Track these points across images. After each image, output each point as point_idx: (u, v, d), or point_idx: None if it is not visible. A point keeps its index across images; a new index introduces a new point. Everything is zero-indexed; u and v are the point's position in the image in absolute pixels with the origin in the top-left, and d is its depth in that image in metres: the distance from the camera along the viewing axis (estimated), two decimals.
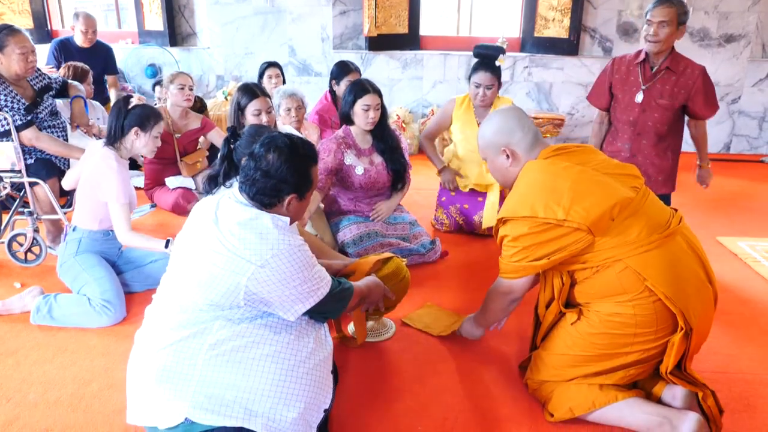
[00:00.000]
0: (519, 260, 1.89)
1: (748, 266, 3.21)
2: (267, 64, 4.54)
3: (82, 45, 4.88)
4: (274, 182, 1.70)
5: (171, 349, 1.63)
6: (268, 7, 5.79)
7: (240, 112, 2.98)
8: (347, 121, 3.17)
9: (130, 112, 2.65)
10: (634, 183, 1.91)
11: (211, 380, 1.59)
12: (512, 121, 1.99)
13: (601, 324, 1.86)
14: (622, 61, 3.23)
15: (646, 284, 1.78)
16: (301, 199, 1.77)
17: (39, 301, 2.54)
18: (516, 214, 1.86)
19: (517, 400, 2.09)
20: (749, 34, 5.52)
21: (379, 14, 5.66)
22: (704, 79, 3.05)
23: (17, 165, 3.09)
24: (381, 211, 3.25)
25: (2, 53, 2.99)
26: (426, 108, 5.90)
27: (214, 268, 1.63)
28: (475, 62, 3.55)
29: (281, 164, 1.69)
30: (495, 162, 2.03)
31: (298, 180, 1.73)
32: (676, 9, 2.95)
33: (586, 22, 5.66)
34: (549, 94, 5.84)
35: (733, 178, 5.02)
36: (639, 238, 1.80)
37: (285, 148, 1.72)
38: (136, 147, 2.69)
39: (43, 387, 2.13)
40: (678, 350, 1.81)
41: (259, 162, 1.71)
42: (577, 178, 1.84)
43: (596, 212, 1.77)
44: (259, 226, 1.65)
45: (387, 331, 2.51)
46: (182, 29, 6.15)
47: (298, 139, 1.78)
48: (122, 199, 2.61)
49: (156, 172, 4.03)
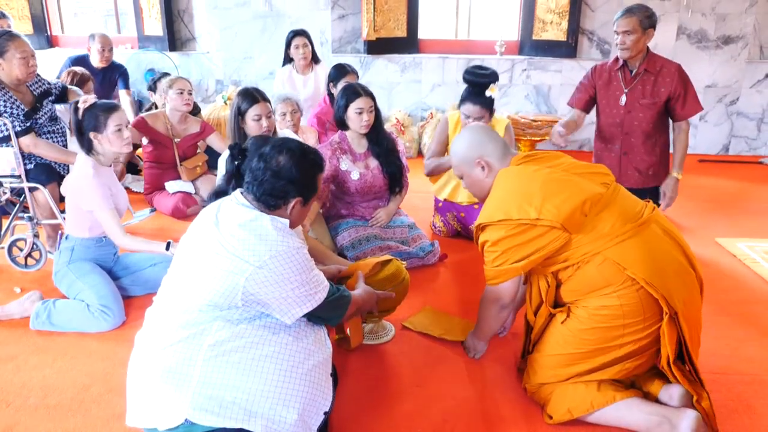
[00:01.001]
0: (500, 264, 1.95)
1: (747, 267, 3.21)
2: (294, 32, 4.61)
3: (98, 65, 4.94)
4: (282, 183, 1.72)
5: (171, 350, 1.64)
6: (267, 11, 5.81)
7: (240, 117, 2.98)
8: (341, 125, 3.17)
9: (82, 120, 2.58)
10: (604, 180, 1.98)
11: (211, 381, 1.59)
12: (481, 134, 2.11)
13: (589, 319, 1.89)
14: (602, 68, 3.46)
15: (627, 273, 1.81)
16: (304, 203, 1.80)
17: (38, 306, 2.54)
18: (492, 219, 1.93)
19: (516, 403, 2.10)
20: (747, 36, 5.53)
21: (378, 18, 5.68)
22: (681, 76, 3.25)
23: (17, 170, 3.10)
24: (380, 217, 3.25)
25: (3, 58, 3.00)
26: (425, 111, 5.91)
27: (213, 268, 1.64)
28: (465, 89, 3.26)
29: (291, 166, 1.73)
30: (471, 176, 2.11)
31: (305, 184, 1.77)
32: (638, 17, 3.18)
33: (584, 24, 5.67)
34: (548, 97, 5.85)
35: (731, 180, 5.02)
36: (613, 229, 1.85)
37: (296, 150, 1.76)
38: (105, 149, 2.62)
39: (43, 391, 2.13)
40: (670, 337, 1.83)
41: (269, 162, 1.73)
42: (547, 179, 1.92)
43: (567, 209, 1.83)
44: (258, 228, 1.66)
45: (386, 333, 2.51)
46: (181, 34, 6.17)
47: (308, 146, 1.83)
48: (105, 205, 2.57)
49: (156, 177, 4.04)
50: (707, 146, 5.89)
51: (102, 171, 2.65)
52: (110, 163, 2.72)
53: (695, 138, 5.83)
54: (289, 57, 4.69)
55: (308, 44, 4.62)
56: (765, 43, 5.71)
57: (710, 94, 5.70)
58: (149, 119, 3.94)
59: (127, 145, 2.66)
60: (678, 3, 5.49)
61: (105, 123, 2.57)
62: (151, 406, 1.62)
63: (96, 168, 2.61)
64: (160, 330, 1.70)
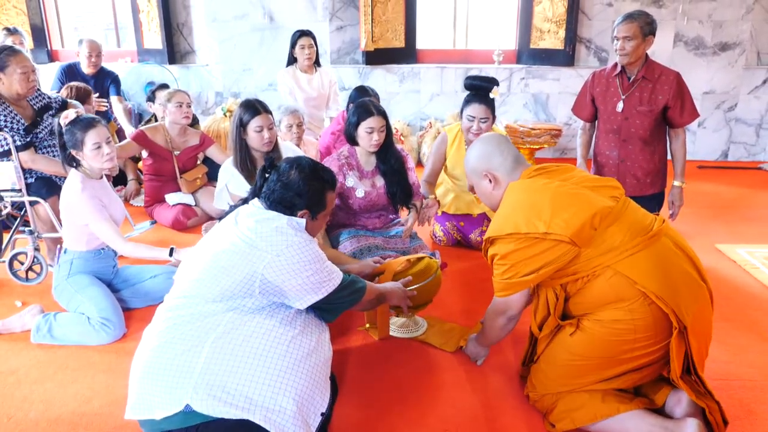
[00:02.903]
0: (509, 277, 1.93)
1: (747, 273, 3.22)
2: (300, 32, 4.62)
3: (87, 71, 4.94)
4: (290, 194, 1.90)
5: (180, 339, 1.68)
6: (266, 23, 5.85)
7: (242, 128, 2.99)
8: (351, 141, 3.16)
9: (63, 138, 2.58)
10: (614, 193, 1.96)
11: (215, 369, 1.63)
12: (491, 146, 2.10)
13: (600, 332, 1.87)
14: (601, 74, 3.44)
15: (638, 287, 1.79)
16: (313, 217, 1.95)
17: (39, 320, 2.55)
18: (501, 232, 1.92)
19: (518, 411, 2.09)
20: (744, 42, 5.56)
21: (376, 29, 5.71)
22: (679, 85, 3.22)
23: (18, 184, 3.11)
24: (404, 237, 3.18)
25: (4, 73, 3.02)
26: (424, 120, 5.94)
27: (232, 257, 1.77)
28: (468, 94, 3.35)
29: (299, 180, 1.90)
30: (480, 186, 2.13)
31: (313, 198, 1.93)
32: (638, 23, 3.14)
33: (581, 33, 5.70)
34: (546, 105, 5.87)
35: (731, 186, 5.03)
36: (623, 243, 1.83)
37: (307, 167, 1.94)
38: (91, 165, 2.61)
39: (44, 405, 2.13)
40: (678, 352, 1.81)
41: (281, 175, 1.92)
42: (556, 193, 1.90)
43: (576, 223, 1.82)
44: (275, 221, 1.83)
45: (418, 329, 2.58)
46: (181, 47, 6.20)
47: (321, 165, 2.00)
48: (98, 217, 2.57)
49: (156, 189, 4.05)
50: (706, 152, 5.90)
51: (91, 184, 2.63)
52: (100, 175, 2.70)
53: (694, 144, 5.84)
54: (293, 57, 4.71)
55: (313, 45, 4.65)
56: (762, 49, 5.74)
57: (708, 101, 5.73)
58: (149, 132, 3.95)
59: (108, 161, 2.62)
60: (675, 10, 5.52)
61: (82, 141, 2.55)
62: (151, 395, 1.64)
63: (84, 182, 2.60)
64: (170, 321, 1.74)
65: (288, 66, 4.74)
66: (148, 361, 1.69)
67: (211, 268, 1.78)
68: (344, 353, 2.45)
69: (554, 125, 5.63)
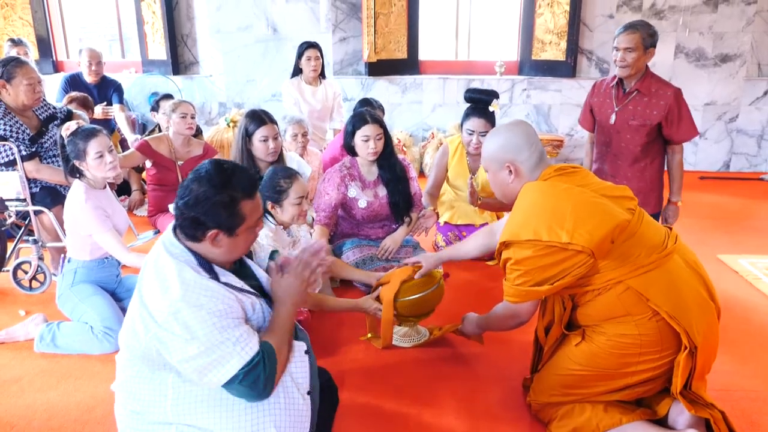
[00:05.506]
0: (521, 284, 1.87)
1: (749, 283, 3.22)
2: (307, 44, 4.64)
3: (89, 80, 4.97)
4: (192, 215, 1.51)
5: (138, 401, 1.55)
6: (269, 35, 5.89)
7: (247, 138, 3.00)
8: (351, 152, 3.17)
9: (65, 150, 2.60)
10: (629, 205, 1.91)
11: (185, 420, 1.51)
12: (521, 138, 1.97)
13: (606, 344, 1.85)
14: (601, 84, 3.33)
15: (650, 305, 1.77)
16: (231, 234, 1.55)
17: (42, 329, 2.56)
18: (519, 237, 1.84)
19: (519, 420, 2.09)
20: (744, 54, 5.58)
21: (378, 40, 5.75)
22: (677, 102, 3.06)
23: (22, 194, 3.13)
24: (387, 246, 3.19)
25: (10, 84, 3.05)
26: (426, 131, 5.96)
27: (133, 316, 1.53)
28: (468, 107, 3.32)
29: (199, 196, 1.51)
30: (496, 176, 2.02)
31: (220, 215, 1.51)
32: (641, 34, 3.01)
33: (582, 44, 5.73)
34: (548, 116, 5.89)
35: (733, 196, 5.03)
36: (639, 259, 1.80)
37: (205, 178, 1.52)
38: (94, 174, 2.62)
39: (47, 414, 2.14)
40: (684, 370, 1.79)
41: (183, 191, 1.54)
42: (579, 201, 1.84)
43: (599, 235, 1.77)
44: (162, 277, 1.48)
45: (420, 338, 2.60)
46: (185, 58, 6.25)
47: (230, 169, 1.56)
48: (102, 228, 2.57)
49: (159, 199, 4.06)
50: (708, 163, 5.91)
51: (95, 194, 2.63)
52: (103, 185, 2.70)
53: (696, 155, 5.86)
54: (298, 69, 4.74)
55: (320, 57, 4.68)
56: (763, 61, 5.76)
57: (710, 112, 5.74)
58: (153, 143, 3.98)
59: (111, 170, 2.62)
60: (675, 22, 5.55)
61: (85, 150, 2.56)
62: None
63: (88, 192, 2.60)
64: (124, 376, 1.60)
65: (293, 77, 4.77)
66: (120, 404, 1.60)
67: (126, 326, 1.56)
68: (345, 363, 2.45)
69: (556, 136, 5.65)
